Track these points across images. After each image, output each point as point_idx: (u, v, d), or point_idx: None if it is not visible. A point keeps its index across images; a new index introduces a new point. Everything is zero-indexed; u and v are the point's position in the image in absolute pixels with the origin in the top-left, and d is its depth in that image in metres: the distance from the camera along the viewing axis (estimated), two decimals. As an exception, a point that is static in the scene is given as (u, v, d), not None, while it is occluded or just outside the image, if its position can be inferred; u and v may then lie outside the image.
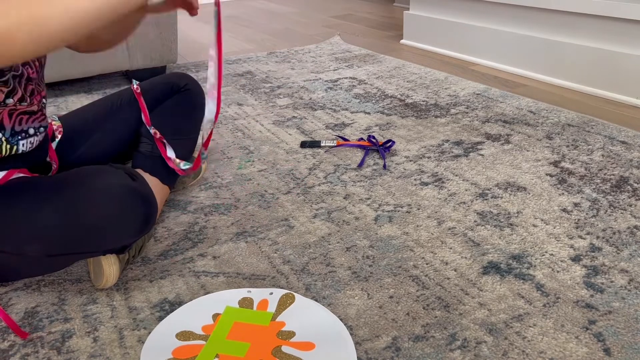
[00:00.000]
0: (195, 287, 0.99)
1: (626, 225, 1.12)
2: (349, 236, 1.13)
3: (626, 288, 0.94)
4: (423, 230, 1.14)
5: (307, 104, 1.94)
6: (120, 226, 0.89)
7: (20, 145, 0.94)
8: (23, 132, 0.94)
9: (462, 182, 1.33)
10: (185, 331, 0.87)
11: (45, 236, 0.87)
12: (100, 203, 0.88)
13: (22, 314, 0.94)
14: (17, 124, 0.92)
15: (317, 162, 1.48)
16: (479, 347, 0.83)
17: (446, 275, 0.99)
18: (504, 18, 2.24)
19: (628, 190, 1.25)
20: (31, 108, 0.95)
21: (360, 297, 0.95)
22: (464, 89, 2.01)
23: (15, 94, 0.91)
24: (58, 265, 0.99)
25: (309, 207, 1.25)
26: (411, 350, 0.83)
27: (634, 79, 1.79)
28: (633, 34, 1.78)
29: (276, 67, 2.46)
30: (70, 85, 2.27)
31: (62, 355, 0.85)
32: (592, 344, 0.82)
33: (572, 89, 1.99)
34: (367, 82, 2.16)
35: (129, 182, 0.92)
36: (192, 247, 1.12)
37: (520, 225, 1.14)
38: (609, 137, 1.53)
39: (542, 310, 0.90)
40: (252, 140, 1.64)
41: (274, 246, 1.11)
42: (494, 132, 1.61)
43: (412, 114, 1.80)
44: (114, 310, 0.94)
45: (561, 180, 1.31)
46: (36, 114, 0.96)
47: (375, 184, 1.34)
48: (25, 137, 0.94)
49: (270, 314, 0.90)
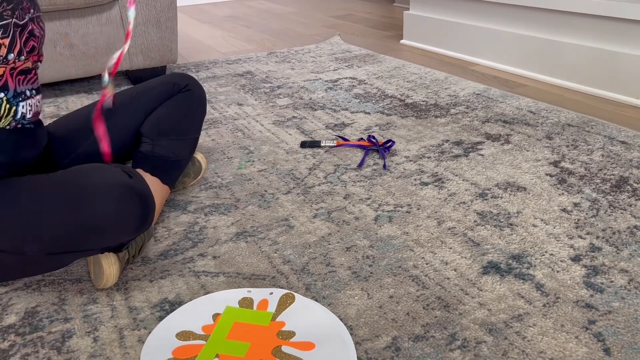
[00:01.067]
0: (195, 287, 0.99)
1: (626, 225, 1.12)
2: (349, 236, 1.13)
3: (626, 288, 0.94)
4: (423, 230, 1.14)
5: (307, 104, 1.94)
6: (118, 224, 0.90)
7: (20, 107, 0.95)
8: (22, 93, 0.96)
9: (462, 182, 1.33)
10: (185, 331, 0.87)
11: (44, 235, 0.87)
12: (98, 201, 0.88)
13: (22, 314, 0.94)
14: (18, 84, 0.95)
15: (317, 162, 1.48)
16: (479, 347, 0.83)
17: (446, 275, 0.99)
18: (504, 18, 2.24)
19: (628, 190, 1.25)
20: (26, 65, 0.96)
21: (360, 297, 0.95)
22: (464, 89, 2.01)
23: (15, 47, 0.92)
24: (57, 264, 0.99)
25: (309, 207, 1.25)
26: (411, 350, 0.83)
27: (634, 79, 1.79)
28: (633, 34, 1.78)
29: (276, 67, 2.46)
30: (70, 85, 2.27)
31: (62, 355, 0.85)
32: (592, 344, 0.82)
33: (572, 89, 1.99)
34: (367, 82, 2.16)
35: (125, 179, 0.92)
36: (192, 247, 1.12)
37: (520, 225, 1.14)
38: (609, 137, 1.53)
39: (542, 310, 0.90)
40: (252, 140, 1.64)
41: (274, 246, 1.11)
42: (494, 132, 1.61)
43: (412, 114, 1.80)
44: (114, 310, 0.94)
45: (561, 180, 1.31)
46: (30, 72, 0.98)
47: (375, 184, 1.34)
48: (24, 98, 0.96)
49: (270, 313, 0.90)
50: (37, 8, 1.01)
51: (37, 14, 0.99)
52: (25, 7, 0.95)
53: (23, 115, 0.96)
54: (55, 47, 1.94)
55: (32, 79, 0.99)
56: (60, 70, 1.99)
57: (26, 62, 0.96)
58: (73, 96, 2.12)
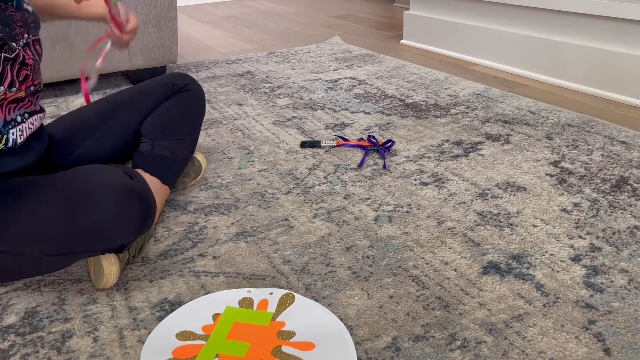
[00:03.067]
0: (195, 287, 0.99)
1: (626, 225, 1.12)
2: (349, 236, 1.13)
3: (626, 288, 0.94)
4: (423, 230, 1.14)
5: (307, 104, 1.94)
6: (119, 225, 0.89)
7: (10, 135, 0.93)
8: (13, 120, 0.94)
9: (462, 182, 1.33)
10: (185, 331, 0.87)
11: (44, 236, 0.87)
12: (98, 202, 0.88)
13: (22, 314, 0.94)
14: (7, 113, 0.93)
15: (317, 162, 1.48)
16: (479, 347, 0.83)
17: (446, 275, 0.99)
18: (504, 18, 2.24)
19: (628, 190, 1.25)
20: (19, 95, 0.95)
21: (360, 297, 0.95)
22: (464, 89, 2.01)
23: (5, 79, 0.90)
24: (57, 265, 0.99)
25: (309, 207, 1.25)
26: (411, 350, 0.83)
27: (634, 79, 1.79)
28: (633, 34, 1.78)
29: (276, 67, 2.46)
30: (70, 85, 2.26)
31: (62, 355, 0.85)
32: (592, 344, 0.82)
33: (572, 89, 1.99)
34: (367, 82, 2.16)
35: (126, 180, 0.92)
36: (192, 247, 1.12)
37: (520, 225, 1.14)
38: (609, 137, 1.53)
39: (542, 310, 0.90)
40: (252, 140, 1.64)
41: (274, 246, 1.11)
42: (494, 132, 1.61)
43: (412, 114, 1.80)
44: (114, 310, 0.94)
45: (561, 180, 1.31)
46: (23, 100, 0.97)
47: (375, 184, 1.34)
48: (14, 125, 0.94)
49: (270, 314, 0.90)
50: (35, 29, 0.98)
51: (33, 38, 0.97)
52: (19, 33, 0.93)
53: (14, 141, 0.95)
54: (55, 47, 1.94)
55: (25, 105, 0.97)
56: (60, 70, 1.99)
57: (19, 92, 0.94)
58: (73, 96, 2.12)
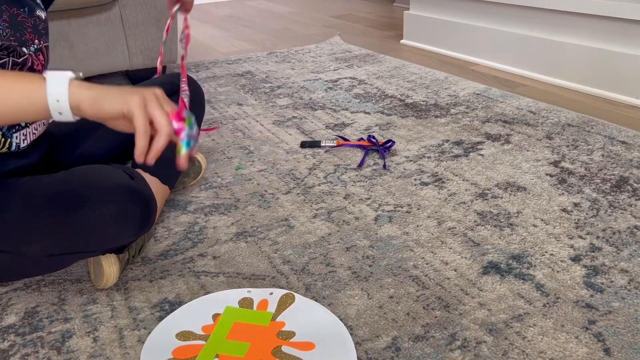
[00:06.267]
0: (195, 287, 0.99)
1: (626, 225, 1.12)
2: (349, 236, 1.13)
3: (626, 288, 0.94)
4: (423, 230, 1.14)
5: (307, 104, 1.94)
6: (119, 225, 0.89)
7: (14, 139, 0.93)
8: (17, 125, 0.94)
9: (462, 182, 1.33)
10: (185, 331, 0.87)
11: (44, 236, 0.87)
12: (99, 203, 0.88)
13: (22, 314, 0.94)
14: None
15: (317, 162, 1.48)
16: (479, 347, 0.83)
17: (446, 275, 0.99)
18: (504, 18, 2.24)
19: (628, 190, 1.25)
20: None
21: (360, 297, 0.95)
22: (464, 89, 2.01)
23: None
24: (57, 265, 0.99)
25: (309, 207, 1.25)
26: (411, 350, 0.83)
27: (634, 79, 1.79)
28: (633, 34, 1.78)
29: (276, 67, 2.45)
30: (70, 85, 2.26)
31: (62, 355, 0.85)
32: (592, 344, 0.82)
33: (572, 89, 1.99)
34: (367, 82, 2.16)
35: (127, 180, 0.92)
36: (192, 247, 1.12)
37: (520, 225, 1.14)
38: (609, 137, 1.53)
39: (542, 310, 0.90)
40: (252, 140, 1.64)
41: (274, 246, 1.11)
42: (494, 132, 1.61)
43: (412, 114, 1.80)
44: (114, 310, 0.94)
45: (561, 180, 1.31)
46: None
47: (375, 184, 1.34)
48: (18, 129, 0.94)
49: (270, 314, 0.90)
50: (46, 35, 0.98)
51: (44, 44, 0.97)
52: (29, 39, 0.92)
53: (17, 145, 0.95)
54: (55, 47, 1.94)
55: None
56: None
57: None
58: (73, 96, 2.11)
